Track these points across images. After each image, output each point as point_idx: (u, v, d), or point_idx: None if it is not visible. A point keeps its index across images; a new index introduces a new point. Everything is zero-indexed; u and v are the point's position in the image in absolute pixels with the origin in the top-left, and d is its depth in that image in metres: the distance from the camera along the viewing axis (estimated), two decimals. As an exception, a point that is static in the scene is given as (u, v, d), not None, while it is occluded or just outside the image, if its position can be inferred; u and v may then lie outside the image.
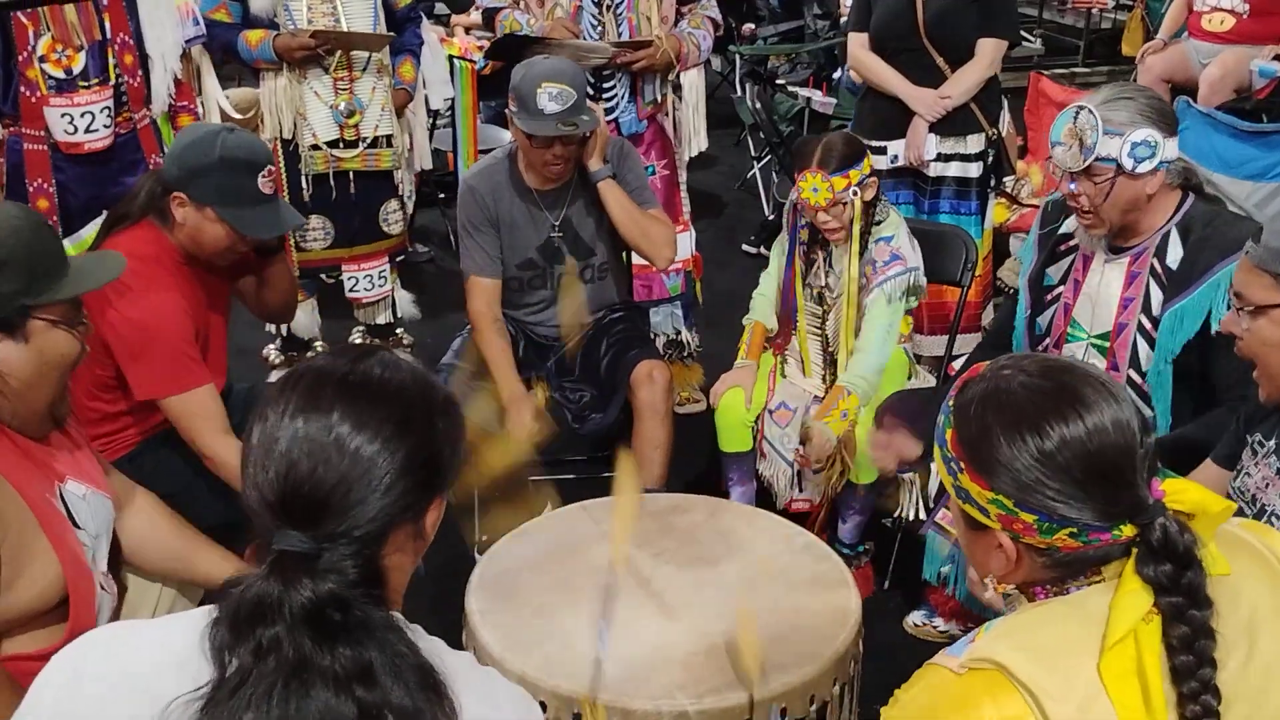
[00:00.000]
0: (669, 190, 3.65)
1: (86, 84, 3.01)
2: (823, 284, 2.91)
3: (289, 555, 1.06)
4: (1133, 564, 1.13)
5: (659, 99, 3.54)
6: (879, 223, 2.85)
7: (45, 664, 1.13)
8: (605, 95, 3.40)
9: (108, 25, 3.04)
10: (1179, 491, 1.15)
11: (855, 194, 2.75)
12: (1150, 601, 1.11)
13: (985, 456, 1.17)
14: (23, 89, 2.97)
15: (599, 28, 3.36)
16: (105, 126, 3.06)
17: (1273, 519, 1.63)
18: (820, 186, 2.73)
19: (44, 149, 3.03)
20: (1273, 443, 1.71)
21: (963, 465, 1.19)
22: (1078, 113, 2.20)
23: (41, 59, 2.96)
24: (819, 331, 2.94)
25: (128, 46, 3.11)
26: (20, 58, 2.95)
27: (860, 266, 2.82)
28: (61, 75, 2.98)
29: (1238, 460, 1.80)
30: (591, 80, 3.36)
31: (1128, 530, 1.14)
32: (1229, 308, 1.75)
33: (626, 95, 3.44)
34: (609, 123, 3.41)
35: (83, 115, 3.01)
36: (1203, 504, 1.14)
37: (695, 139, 3.78)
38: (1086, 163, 2.18)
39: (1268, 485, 1.69)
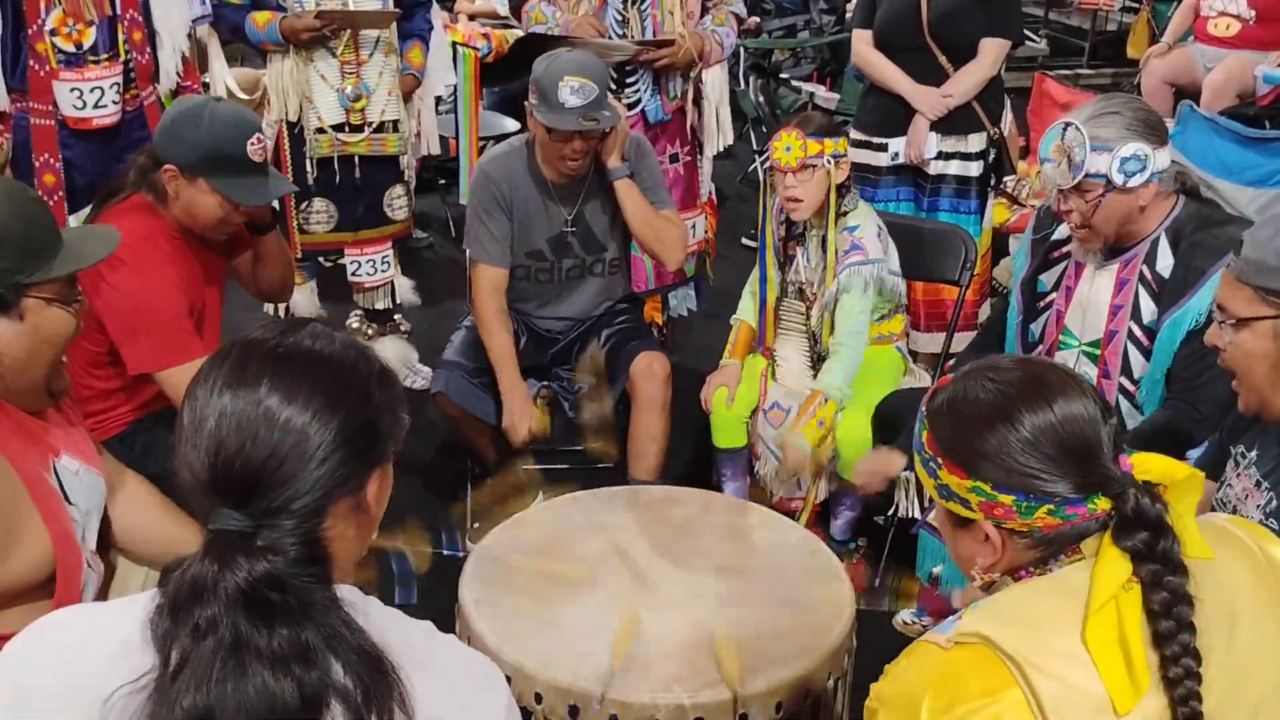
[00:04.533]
0: (690, 175, 3.67)
1: (96, 59, 3.00)
2: (803, 279, 2.91)
3: (225, 535, 1.04)
4: (1110, 535, 1.18)
5: (680, 95, 3.54)
6: (845, 213, 2.84)
7: None
8: (628, 88, 3.41)
9: (118, 1, 3.03)
10: (1145, 462, 1.22)
11: (828, 164, 2.75)
12: (1129, 570, 1.16)
13: (961, 447, 1.23)
14: (31, 63, 2.97)
15: (624, 23, 3.36)
16: (114, 103, 3.05)
17: None
18: (793, 145, 2.74)
19: (51, 124, 3.03)
20: (1254, 454, 1.72)
21: (941, 461, 1.25)
22: (1065, 129, 2.18)
23: (52, 32, 2.95)
24: (804, 328, 2.94)
25: (136, 23, 3.11)
26: (30, 31, 2.94)
27: (831, 259, 2.81)
28: (71, 49, 2.97)
29: (1222, 471, 1.81)
30: (614, 75, 3.37)
31: (1102, 503, 1.19)
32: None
33: (650, 89, 3.45)
34: (635, 114, 3.42)
35: (92, 90, 3.01)
36: (1169, 473, 1.21)
37: (720, 134, 3.77)
38: (1076, 180, 2.16)
39: (1247, 496, 1.70)
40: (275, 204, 2.71)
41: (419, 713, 1.06)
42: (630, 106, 3.41)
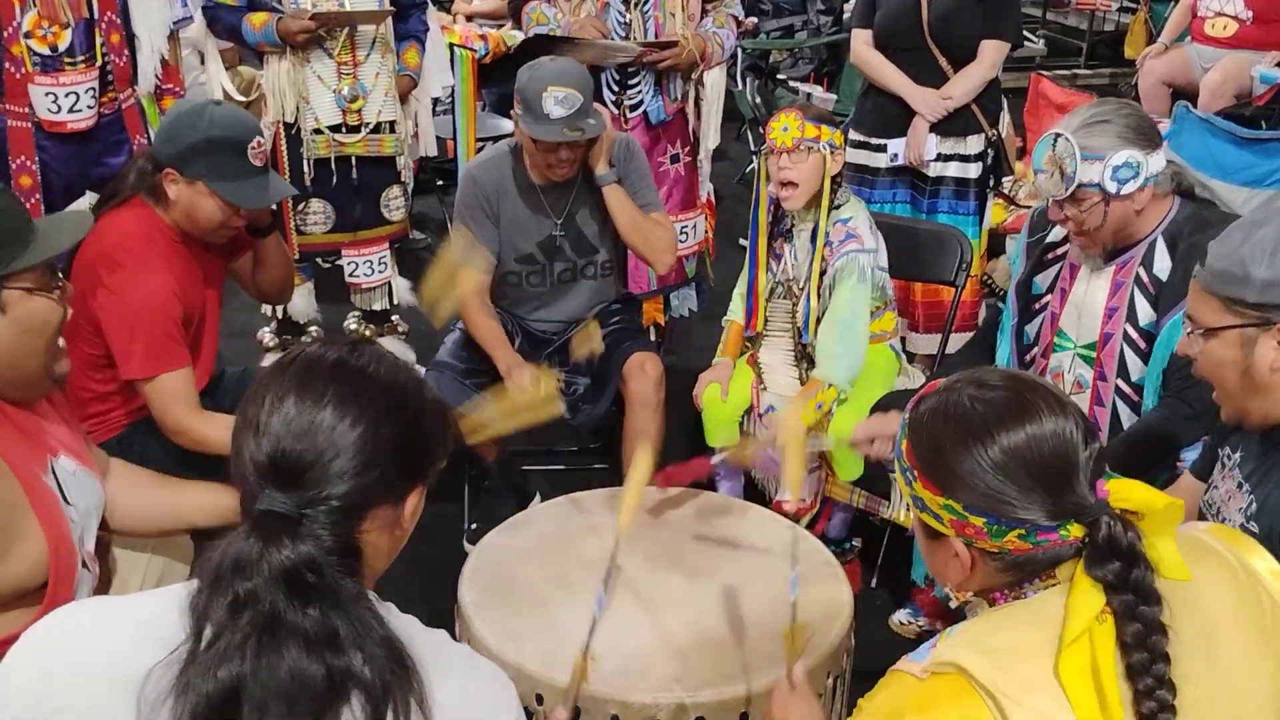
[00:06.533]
0: (690, 176, 3.68)
1: (73, 62, 2.98)
2: (790, 276, 2.91)
3: (271, 515, 1.10)
4: (1082, 565, 1.17)
5: (682, 96, 3.55)
6: (838, 206, 2.83)
7: None
8: (630, 89, 3.41)
9: (95, 3, 3.02)
10: (1123, 490, 1.19)
11: (824, 149, 2.74)
12: (1103, 601, 1.15)
13: (935, 464, 1.23)
14: (7, 65, 2.94)
15: (626, 25, 3.36)
16: (89, 107, 3.03)
17: None
18: (791, 125, 2.73)
19: (27, 126, 3.00)
20: (1238, 455, 1.72)
21: (916, 474, 1.25)
22: (1055, 140, 2.17)
23: (27, 35, 2.92)
24: (789, 327, 2.93)
25: (114, 25, 3.09)
26: (5, 33, 2.92)
27: (821, 250, 2.80)
28: (47, 52, 2.95)
29: (1211, 473, 1.81)
30: (617, 75, 3.38)
31: (1075, 530, 1.18)
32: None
33: (652, 90, 3.45)
34: (637, 115, 3.43)
35: (67, 95, 2.99)
36: (1148, 502, 1.19)
37: (709, 135, 3.76)
38: (1069, 191, 2.15)
39: (1230, 498, 1.70)
40: (274, 205, 2.71)
41: (435, 713, 1.08)
42: (633, 107, 3.42)
